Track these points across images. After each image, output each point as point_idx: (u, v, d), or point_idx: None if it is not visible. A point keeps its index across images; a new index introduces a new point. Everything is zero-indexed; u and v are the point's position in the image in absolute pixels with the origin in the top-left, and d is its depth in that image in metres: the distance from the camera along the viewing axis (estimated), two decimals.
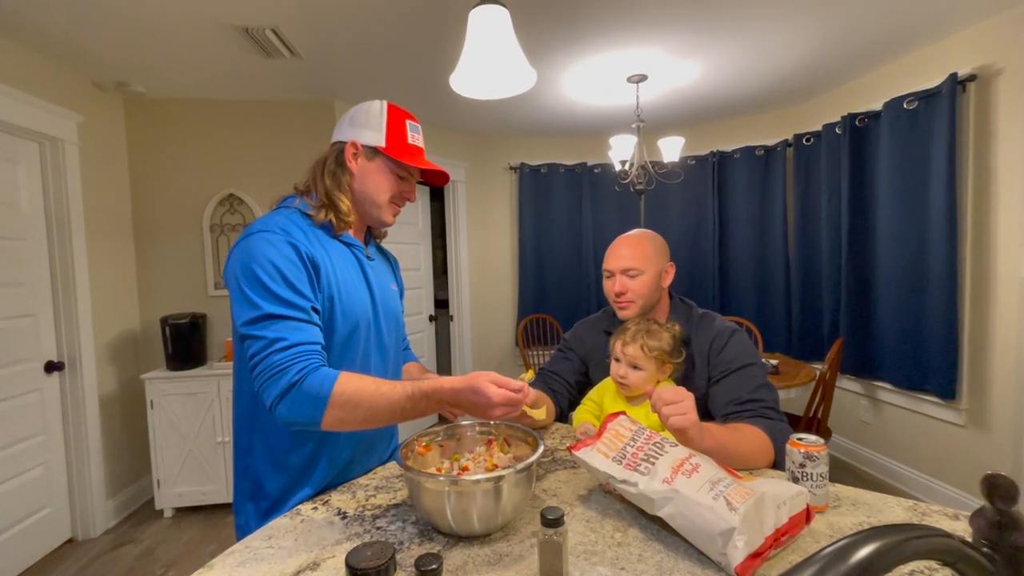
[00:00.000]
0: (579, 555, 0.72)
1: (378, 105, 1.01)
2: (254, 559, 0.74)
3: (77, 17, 2.00)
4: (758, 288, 3.69)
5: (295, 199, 1.00)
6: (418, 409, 0.85)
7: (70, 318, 2.43)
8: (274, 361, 0.81)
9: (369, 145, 0.99)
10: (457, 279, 4.02)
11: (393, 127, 1.00)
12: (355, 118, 1.01)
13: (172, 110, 2.90)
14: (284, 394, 0.80)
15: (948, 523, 0.78)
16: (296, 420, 0.82)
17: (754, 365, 1.10)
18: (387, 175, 1.01)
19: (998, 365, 2.28)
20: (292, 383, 0.80)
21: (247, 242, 0.88)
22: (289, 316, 0.84)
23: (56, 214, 2.39)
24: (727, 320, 1.20)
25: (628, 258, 1.19)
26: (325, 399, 0.81)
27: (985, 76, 2.30)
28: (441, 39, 2.30)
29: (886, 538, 0.33)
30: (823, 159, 3.14)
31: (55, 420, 2.40)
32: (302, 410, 0.81)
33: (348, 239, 1.02)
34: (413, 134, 1.02)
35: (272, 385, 0.81)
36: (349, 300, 0.96)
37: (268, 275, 0.85)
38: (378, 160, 1.00)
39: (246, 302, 0.85)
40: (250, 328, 0.84)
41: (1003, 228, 2.25)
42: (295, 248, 0.88)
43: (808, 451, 0.82)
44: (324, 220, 0.97)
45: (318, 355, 0.85)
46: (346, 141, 1.00)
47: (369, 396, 0.83)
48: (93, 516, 2.50)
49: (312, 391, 0.81)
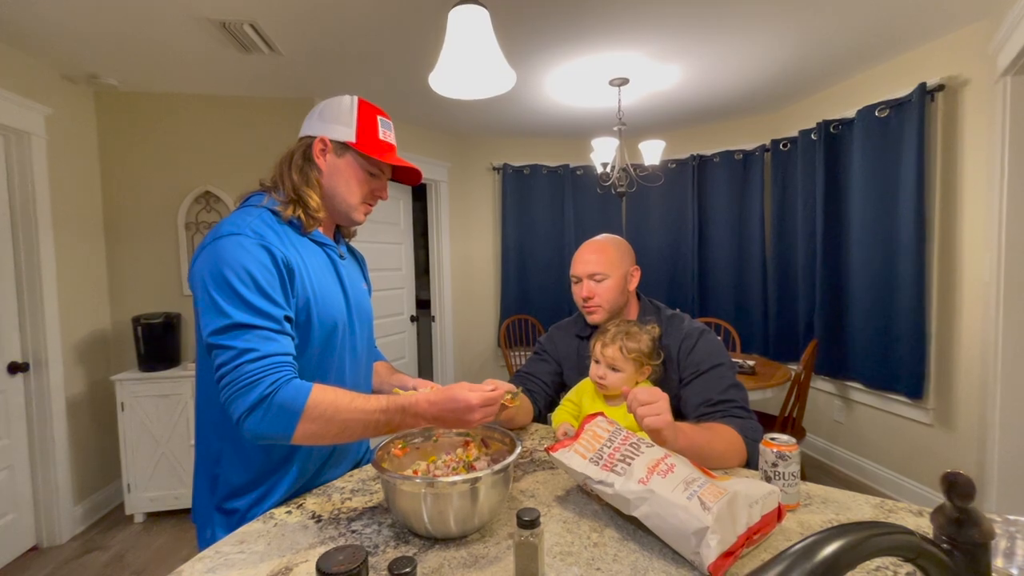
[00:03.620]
0: (555, 556, 0.72)
1: (348, 100, 0.98)
2: (224, 564, 0.72)
3: (46, 7, 1.93)
4: (736, 290, 3.76)
5: (263, 196, 0.95)
6: (392, 424, 0.83)
7: (36, 317, 2.35)
8: (244, 373, 0.77)
9: (339, 141, 0.96)
10: (439, 279, 4.00)
11: (364, 123, 0.96)
12: (324, 113, 0.98)
13: (146, 104, 2.82)
14: (254, 407, 0.77)
15: (913, 520, 0.80)
16: (266, 434, 0.78)
17: (723, 366, 1.12)
18: (357, 172, 0.97)
19: (963, 366, 2.36)
20: (263, 396, 0.77)
21: (217, 245, 0.83)
22: (260, 326, 0.80)
23: (21, 209, 2.30)
24: (696, 321, 1.21)
25: (594, 263, 1.20)
26: (298, 412, 0.78)
27: (952, 86, 2.38)
28: (422, 38, 2.29)
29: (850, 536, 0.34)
30: (799, 164, 3.21)
31: (19, 423, 2.32)
32: (274, 424, 0.78)
33: (320, 238, 0.99)
34: (384, 130, 0.99)
35: (241, 398, 0.77)
36: (325, 302, 0.93)
37: (240, 281, 0.81)
38: (348, 156, 0.96)
39: (215, 310, 0.80)
40: (218, 337, 0.79)
41: (968, 233, 2.33)
42: (269, 252, 0.84)
43: (780, 451, 0.83)
44: (292, 216, 0.93)
45: (290, 367, 0.82)
46: (315, 136, 0.96)
47: (344, 410, 0.80)
48: (59, 522, 2.41)
49: (285, 404, 0.77)
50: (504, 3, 2.01)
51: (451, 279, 4.05)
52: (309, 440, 0.80)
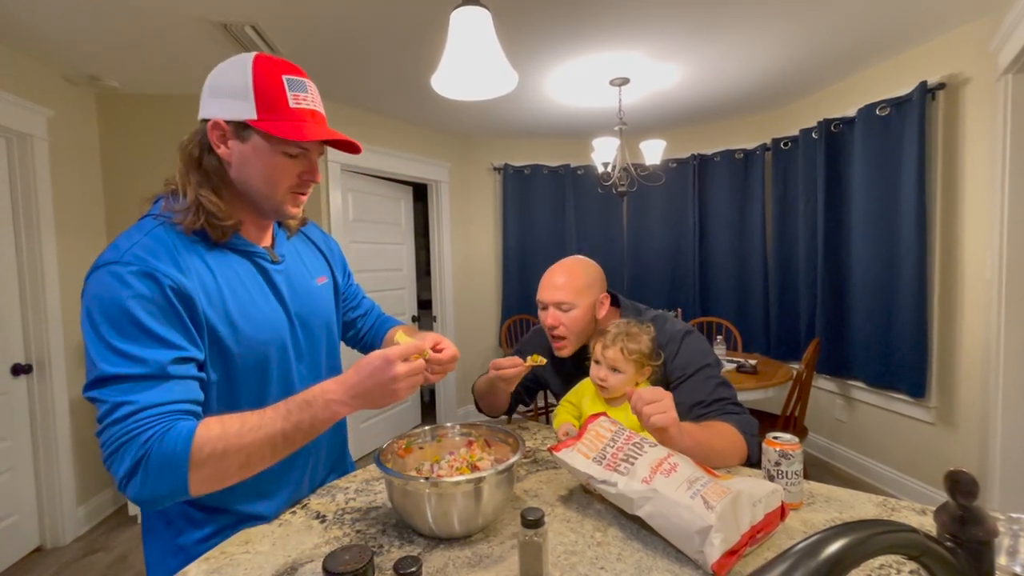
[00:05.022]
0: (559, 555, 0.72)
1: (240, 62, 0.75)
2: (230, 564, 0.72)
3: (48, 9, 1.93)
4: (737, 289, 3.76)
5: (161, 202, 0.79)
6: (303, 426, 0.70)
7: (39, 319, 2.35)
8: (114, 434, 0.64)
9: (236, 120, 0.74)
10: (440, 280, 4.00)
11: (264, 89, 0.73)
12: (215, 83, 0.76)
13: (148, 105, 2.83)
14: (131, 474, 0.64)
15: (916, 518, 0.80)
16: (155, 497, 0.65)
17: (709, 366, 1.11)
18: (269, 156, 0.76)
19: (965, 365, 2.36)
20: (138, 459, 0.64)
21: (91, 280, 0.69)
22: (137, 375, 0.66)
23: (24, 211, 2.31)
24: (679, 321, 1.20)
25: (561, 290, 1.17)
26: (184, 463, 0.65)
27: (953, 85, 2.37)
28: (424, 39, 2.29)
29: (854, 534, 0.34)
30: (800, 163, 3.21)
31: (22, 425, 2.32)
32: (159, 485, 0.65)
33: (242, 245, 0.82)
34: (296, 94, 0.75)
35: (116, 464, 0.65)
36: (249, 325, 0.78)
37: (113, 325, 0.67)
38: (253, 139, 0.75)
39: (88, 359, 0.67)
40: (91, 391, 0.66)
41: (969, 232, 2.33)
42: (155, 281, 0.69)
43: (783, 450, 0.83)
44: (196, 227, 0.76)
45: (173, 416, 0.67)
46: (209, 120, 0.76)
47: (235, 435, 0.67)
48: (62, 523, 2.42)
49: (164, 459, 0.64)
50: (505, 4, 2.01)
51: (452, 279, 4.05)
52: (210, 486, 0.68)
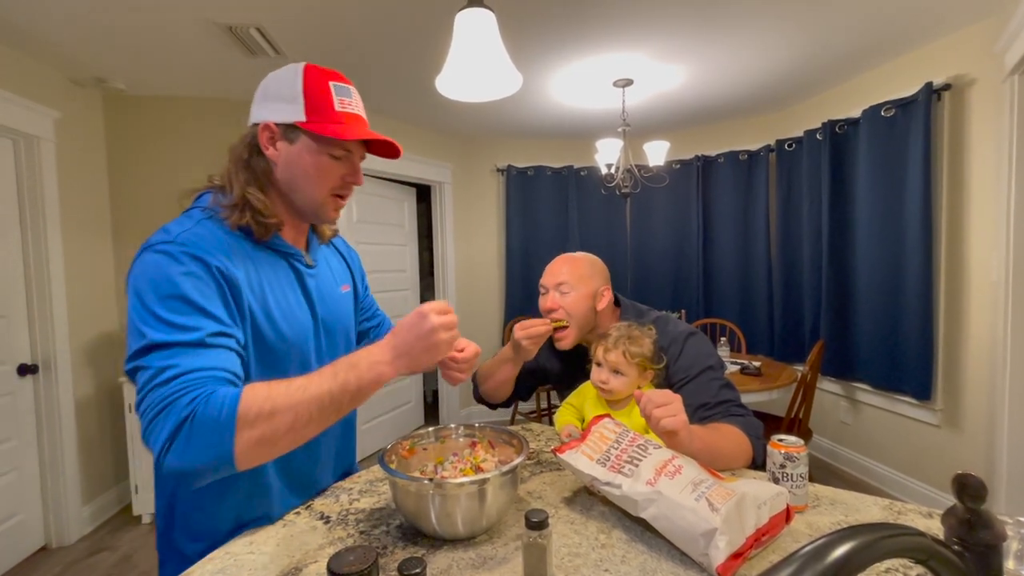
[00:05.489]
0: (563, 557, 0.72)
1: (292, 70, 0.80)
2: (234, 565, 0.73)
3: (54, 12, 1.95)
4: (741, 290, 3.74)
5: (209, 196, 0.82)
6: (349, 386, 0.69)
7: (45, 319, 2.37)
8: (156, 397, 0.63)
9: (286, 123, 0.79)
10: (443, 281, 4.01)
11: (313, 94, 0.79)
12: (267, 90, 0.82)
13: (153, 107, 2.85)
14: (172, 438, 0.62)
15: (922, 521, 0.80)
16: (196, 465, 0.63)
17: (712, 368, 1.11)
18: (316, 158, 0.80)
19: (971, 367, 2.35)
20: (181, 420, 0.62)
21: (142, 258, 0.72)
22: (185, 342, 0.67)
23: (31, 212, 2.32)
24: (682, 323, 1.20)
25: (563, 274, 1.18)
26: (231, 423, 0.62)
27: (959, 85, 2.36)
28: (427, 40, 2.30)
29: (861, 537, 0.34)
30: (804, 164, 3.20)
31: (29, 424, 2.34)
32: (201, 451, 0.62)
33: (281, 246, 0.85)
34: (342, 99, 0.80)
35: (157, 429, 0.62)
36: (284, 322, 0.81)
37: (162, 297, 0.68)
38: (301, 140, 0.80)
39: (134, 331, 0.68)
40: (134, 361, 0.66)
41: (975, 233, 2.32)
42: (204, 263, 0.72)
43: (788, 452, 0.83)
44: (241, 223, 0.79)
45: (218, 381, 0.67)
46: (259, 123, 0.81)
47: (283, 396, 0.66)
48: (68, 522, 2.43)
49: (209, 420, 0.62)
50: (510, 6, 2.02)
51: (455, 281, 4.06)
52: (258, 450, 0.65)
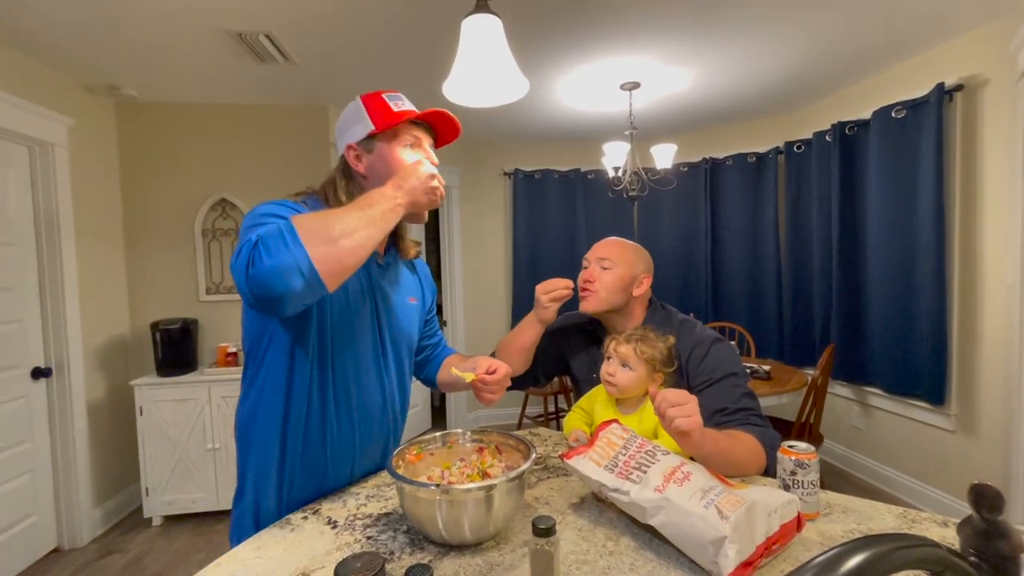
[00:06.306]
0: (571, 564, 0.71)
1: (353, 102, 0.98)
2: (242, 570, 0.73)
3: (68, 21, 1.98)
4: (750, 294, 3.71)
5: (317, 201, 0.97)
6: (372, 199, 0.82)
7: (58, 323, 2.40)
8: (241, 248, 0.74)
9: (362, 138, 0.95)
10: (450, 285, 4.01)
11: (373, 108, 0.95)
12: (341, 125, 1.00)
13: (164, 114, 2.88)
14: (251, 256, 0.72)
15: (937, 530, 0.78)
16: (280, 263, 0.71)
17: (736, 375, 1.09)
18: (391, 153, 0.95)
19: (986, 371, 2.31)
20: (253, 244, 0.73)
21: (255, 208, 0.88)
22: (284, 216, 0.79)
23: (45, 218, 2.36)
24: (708, 328, 1.19)
25: (609, 251, 1.21)
26: (290, 226, 0.73)
27: (971, 86, 2.33)
28: (434, 46, 2.31)
29: (875, 548, 0.33)
30: (814, 166, 3.17)
31: (42, 427, 2.37)
32: (278, 253, 0.71)
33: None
34: (396, 102, 0.96)
35: (239, 265, 0.73)
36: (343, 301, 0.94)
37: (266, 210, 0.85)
38: (377, 145, 0.95)
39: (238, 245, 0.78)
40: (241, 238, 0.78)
41: (990, 235, 2.28)
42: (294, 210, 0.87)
43: (799, 459, 0.82)
44: None
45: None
46: (345, 148, 0.98)
47: (324, 213, 0.78)
48: (79, 525, 2.46)
49: (274, 233, 0.73)
50: (516, 11, 2.02)
51: (462, 284, 4.06)
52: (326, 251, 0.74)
